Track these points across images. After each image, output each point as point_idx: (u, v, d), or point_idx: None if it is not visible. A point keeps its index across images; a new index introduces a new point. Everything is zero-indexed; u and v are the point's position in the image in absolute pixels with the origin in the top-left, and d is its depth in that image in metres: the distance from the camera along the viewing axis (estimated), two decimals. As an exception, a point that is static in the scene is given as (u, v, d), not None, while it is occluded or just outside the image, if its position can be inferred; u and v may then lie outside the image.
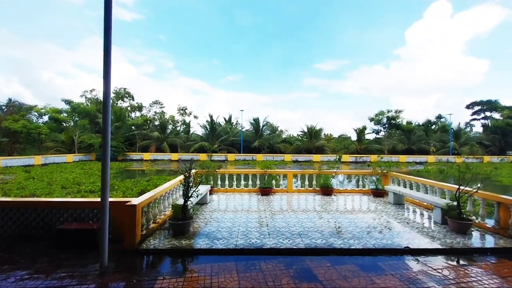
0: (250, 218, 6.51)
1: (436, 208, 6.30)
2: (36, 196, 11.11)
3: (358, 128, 46.28)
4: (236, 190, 10.05)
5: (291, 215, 6.79)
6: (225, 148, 41.48)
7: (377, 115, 45.63)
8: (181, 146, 41.37)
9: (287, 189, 10.14)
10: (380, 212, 7.21)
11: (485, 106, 59.54)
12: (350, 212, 7.26)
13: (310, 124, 44.42)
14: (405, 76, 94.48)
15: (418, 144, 45.10)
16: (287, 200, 8.78)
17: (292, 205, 8.07)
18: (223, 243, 4.76)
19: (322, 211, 7.25)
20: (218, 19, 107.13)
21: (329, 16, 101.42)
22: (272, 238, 5.04)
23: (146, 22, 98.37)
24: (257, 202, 8.40)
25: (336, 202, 8.48)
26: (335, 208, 7.66)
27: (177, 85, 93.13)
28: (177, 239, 4.97)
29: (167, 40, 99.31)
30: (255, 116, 44.28)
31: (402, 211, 7.40)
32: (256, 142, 40.05)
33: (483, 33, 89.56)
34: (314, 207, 7.73)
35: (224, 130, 43.09)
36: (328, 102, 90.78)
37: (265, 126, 44.57)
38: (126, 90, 50.57)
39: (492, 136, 47.33)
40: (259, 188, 9.62)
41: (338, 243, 4.81)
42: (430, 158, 40.16)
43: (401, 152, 43.39)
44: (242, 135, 41.59)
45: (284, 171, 10.44)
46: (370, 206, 8.02)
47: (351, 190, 10.21)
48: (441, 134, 47.14)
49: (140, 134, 39.60)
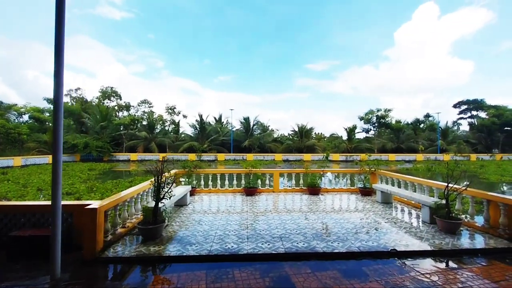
0: (230, 220, 6.11)
1: (424, 207, 6.04)
2: (6, 199, 10.41)
3: (348, 127, 46.47)
4: (220, 191, 9.62)
5: (275, 217, 6.42)
6: (215, 148, 40.90)
7: (367, 114, 45.88)
8: (170, 146, 40.57)
9: (273, 189, 9.78)
10: (367, 212, 6.92)
11: (472, 105, 60.70)
12: (337, 212, 6.95)
13: (301, 123, 44.34)
14: (394, 76, 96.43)
15: (407, 142, 45.58)
16: (272, 200, 8.42)
17: (276, 205, 7.71)
18: (196, 249, 4.35)
19: (308, 212, 6.91)
20: (209, 18, 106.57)
21: (319, 16, 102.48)
22: (251, 242, 4.66)
23: (135, 21, 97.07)
24: (240, 202, 8.01)
25: (323, 202, 8.17)
26: (321, 208, 7.34)
27: (168, 85, 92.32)
28: (146, 245, 4.53)
29: (157, 39, 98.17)
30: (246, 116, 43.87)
31: (390, 210, 7.13)
32: (246, 142, 39.59)
33: (468, 34, 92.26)
34: (300, 208, 7.39)
35: (214, 130, 42.48)
36: (319, 102, 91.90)
37: (256, 126, 44.18)
38: (113, 89, 49.40)
39: (478, 135, 48.26)
40: (244, 188, 9.23)
41: (321, 247, 4.47)
42: (419, 156, 40.59)
43: (391, 151, 43.75)
44: (233, 134, 41.09)
45: (270, 170, 10.08)
46: (357, 205, 7.73)
47: (339, 189, 9.93)
48: (429, 132, 47.79)
49: (127, 134, 38.60)
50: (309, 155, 38.90)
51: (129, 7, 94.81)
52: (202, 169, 9.87)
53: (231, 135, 39.83)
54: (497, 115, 46.02)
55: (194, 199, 8.41)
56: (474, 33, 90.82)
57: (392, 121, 45.86)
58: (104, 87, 47.60)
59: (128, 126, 38.80)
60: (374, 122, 45.70)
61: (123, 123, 38.04)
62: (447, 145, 44.53)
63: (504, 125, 46.10)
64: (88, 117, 38.19)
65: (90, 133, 37.49)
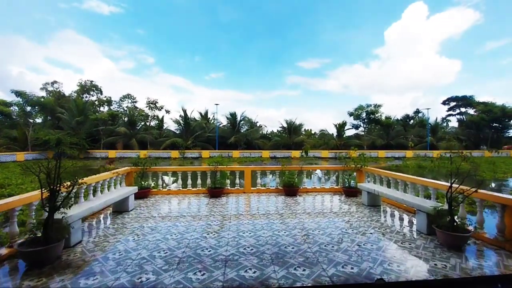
0: (172, 233, 4.68)
1: (420, 213, 4.75)
2: None
3: (338, 124, 45.48)
4: (181, 192, 8.17)
5: (232, 227, 5.03)
6: (201, 144, 39.21)
7: (357, 110, 44.88)
8: (152, 143, 38.63)
9: (244, 189, 8.39)
10: (350, 218, 5.60)
11: (461, 102, 60.70)
12: (313, 218, 5.61)
13: (290, 119, 43.06)
14: (384, 75, 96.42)
15: (397, 139, 44.93)
16: (239, 203, 7.04)
17: (241, 210, 6.32)
18: (91, 284, 2.91)
19: (277, 219, 5.54)
20: (200, 14, 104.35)
21: (310, 15, 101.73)
22: (179, 271, 3.25)
23: (125, 16, 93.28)
24: (198, 207, 6.60)
25: (298, 205, 6.83)
26: (295, 214, 5.98)
27: (159, 82, 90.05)
28: (26, 276, 3.07)
29: (146, 36, 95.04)
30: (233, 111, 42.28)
31: (378, 215, 5.84)
32: (232, 138, 38.02)
33: (456, 34, 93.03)
34: (269, 213, 6.02)
35: (199, 126, 40.72)
36: (311, 100, 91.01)
37: (243, 122, 42.61)
38: (93, 83, 46.93)
39: (468, 131, 48.09)
40: (208, 188, 7.80)
41: (278, 277, 3.10)
42: (408, 153, 39.95)
43: (380, 147, 43.01)
44: (218, 130, 39.46)
45: (240, 167, 8.68)
46: (339, 209, 6.42)
47: (321, 189, 8.61)
48: (418, 129, 47.29)
49: (105, 130, 36.42)
50: (298, 152, 37.66)
51: (119, 1, 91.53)
52: (157, 167, 8.38)
53: (216, 131, 38.16)
54: (486, 111, 45.83)
55: (144, 203, 6.94)
56: (461, 33, 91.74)
57: (382, 117, 45.07)
58: (82, 80, 45.13)
59: (106, 122, 36.60)
60: (363, 118, 44.78)
61: (100, 118, 35.81)
62: (437, 142, 44.10)
63: (492, 121, 45.98)
64: (63, 112, 35.83)
65: (66, 129, 35.23)
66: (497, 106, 46.25)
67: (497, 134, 48.30)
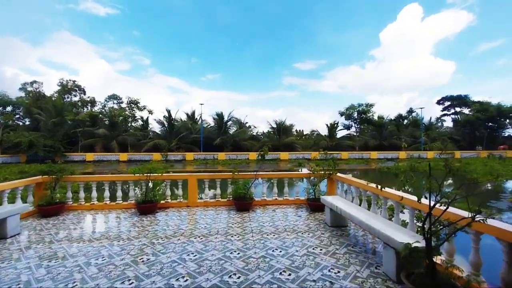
0: (61, 265, 3.10)
1: (388, 249, 3.24)
2: None
3: (330, 124, 44.07)
4: (107, 206, 6.60)
5: (158, 252, 3.46)
6: (186, 146, 37.52)
7: (348, 109, 43.40)
8: (134, 145, 36.78)
9: (187, 202, 6.83)
10: (302, 249, 4.06)
11: (456, 101, 59.72)
12: (258, 249, 4.05)
13: (279, 119, 41.54)
14: (380, 76, 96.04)
15: (390, 139, 43.59)
16: (177, 220, 5.56)
17: (170, 234, 4.74)
18: None
19: (205, 251, 3.98)
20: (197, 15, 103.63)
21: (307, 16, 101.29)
22: None
23: (121, 18, 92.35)
24: (118, 227, 5.14)
25: (246, 224, 5.30)
26: (236, 237, 4.45)
27: (155, 83, 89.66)
28: None
29: (143, 37, 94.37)
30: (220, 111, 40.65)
31: (337, 243, 4.30)
32: (218, 140, 36.31)
33: (450, 35, 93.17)
34: (203, 237, 4.49)
35: (185, 127, 39.00)
36: (307, 101, 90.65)
37: (231, 122, 41.02)
38: (76, 83, 45.10)
39: (462, 131, 46.97)
40: (135, 203, 6.22)
41: None
42: (402, 154, 38.62)
43: (373, 148, 41.65)
44: (203, 131, 37.78)
45: (183, 175, 7.11)
46: (294, 231, 4.86)
47: (283, 201, 7.08)
48: (412, 129, 46.02)
49: (83, 131, 34.54)
50: (287, 154, 36.21)
51: (115, 3, 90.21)
52: (77, 176, 6.80)
53: (201, 132, 36.44)
54: (481, 110, 44.73)
55: (49, 223, 5.36)
56: (455, 34, 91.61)
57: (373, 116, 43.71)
58: (64, 80, 43.22)
59: (84, 123, 34.69)
60: (355, 117, 43.31)
61: (78, 119, 33.88)
62: (431, 142, 42.83)
63: (488, 120, 44.91)
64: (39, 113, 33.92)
65: (42, 130, 33.39)
66: (492, 105, 45.22)
67: (492, 133, 47.26)
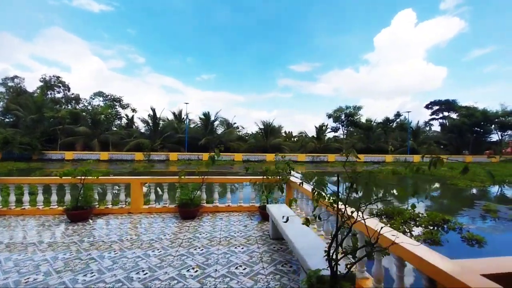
0: None
1: (303, 274, 2.73)
2: None
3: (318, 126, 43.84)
4: (39, 212, 5.96)
5: (74, 267, 2.90)
6: (171, 146, 36.72)
7: (336, 112, 43.17)
8: (116, 144, 35.71)
9: (129, 209, 6.24)
10: (222, 269, 3.52)
11: (444, 106, 60.27)
12: (179, 262, 3.51)
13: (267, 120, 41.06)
14: (373, 79, 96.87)
15: (377, 143, 43.54)
16: (102, 231, 4.95)
17: (86, 246, 4.16)
18: None
19: (109, 267, 3.43)
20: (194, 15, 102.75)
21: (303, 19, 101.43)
22: None
23: (115, 15, 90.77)
24: (42, 234, 4.47)
25: (180, 234, 4.75)
26: (157, 251, 3.90)
27: (149, 82, 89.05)
28: None
29: (137, 35, 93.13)
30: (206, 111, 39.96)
31: (269, 262, 3.78)
32: (203, 140, 35.59)
33: (442, 42, 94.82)
34: (119, 250, 3.96)
35: (170, 126, 38.17)
36: (302, 102, 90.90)
37: (217, 122, 40.34)
38: (59, 79, 43.83)
39: (449, 135, 47.27)
40: (64, 209, 5.60)
41: None
42: (388, 158, 38.58)
43: (360, 151, 41.48)
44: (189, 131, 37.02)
45: (124, 179, 6.53)
46: (228, 245, 4.32)
47: (235, 208, 6.55)
48: (399, 132, 46.11)
49: (63, 129, 33.39)
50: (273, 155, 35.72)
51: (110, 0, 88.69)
52: (5, 178, 6.14)
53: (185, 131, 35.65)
54: (468, 115, 45.08)
55: None
56: (447, 41, 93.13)
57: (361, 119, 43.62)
58: (46, 75, 41.91)
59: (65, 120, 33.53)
60: (343, 120, 43.08)
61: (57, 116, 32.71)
62: (418, 146, 42.95)
63: (474, 125, 45.28)
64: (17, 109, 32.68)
65: (21, 127, 32.22)
66: (478, 110, 45.62)
67: (478, 138, 47.68)
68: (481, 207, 10.00)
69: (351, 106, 42.92)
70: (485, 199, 11.82)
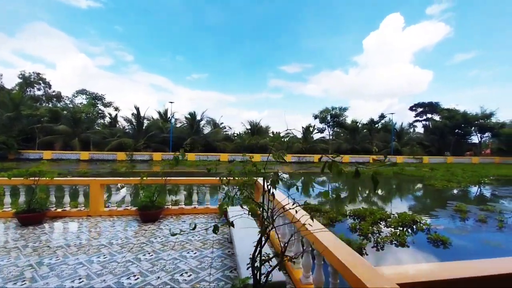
0: None
1: (238, 282, 2.58)
2: None
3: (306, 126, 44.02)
4: (-15, 215, 5.61)
5: None
6: (155, 146, 36.08)
7: (322, 113, 43.46)
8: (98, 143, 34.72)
9: (88, 211, 5.97)
10: (165, 276, 3.35)
11: (427, 108, 61.80)
12: (121, 269, 3.29)
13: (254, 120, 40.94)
14: (362, 81, 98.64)
15: (362, 143, 44.12)
16: (56, 236, 4.72)
17: (34, 255, 3.89)
18: None
19: (46, 272, 3.19)
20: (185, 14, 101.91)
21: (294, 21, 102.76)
22: None
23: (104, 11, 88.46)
24: None
25: (134, 239, 4.54)
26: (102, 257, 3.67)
27: (137, 80, 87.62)
28: None
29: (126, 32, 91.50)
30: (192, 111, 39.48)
31: (219, 267, 3.63)
32: (188, 140, 35.12)
33: (429, 46, 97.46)
34: (63, 255, 3.72)
35: (155, 125, 37.49)
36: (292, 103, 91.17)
37: (203, 122, 39.89)
38: (40, 76, 42.36)
39: (432, 137, 48.40)
40: (14, 213, 5.28)
41: None
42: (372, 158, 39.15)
43: (346, 152, 41.94)
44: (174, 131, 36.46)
45: (83, 180, 6.26)
46: (181, 250, 4.16)
47: (201, 210, 6.39)
48: (384, 134, 46.87)
49: (41, 127, 32.24)
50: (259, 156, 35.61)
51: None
52: None
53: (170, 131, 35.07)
54: (449, 117, 46.30)
55: None
56: (433, 45, 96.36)
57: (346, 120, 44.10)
58: (25, 72, 40.42)
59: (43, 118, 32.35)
60: (329, 121, 43.40)
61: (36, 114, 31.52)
62: (402, 147, 43.77)
63: (455, 127, 46.53)
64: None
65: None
66: (459, 112, 46.92)
67: (459, 140, 49.05)
68: (452, 207, 10.16)
69: (337, 107, 43.34)
70: (459, 200, 12.02)
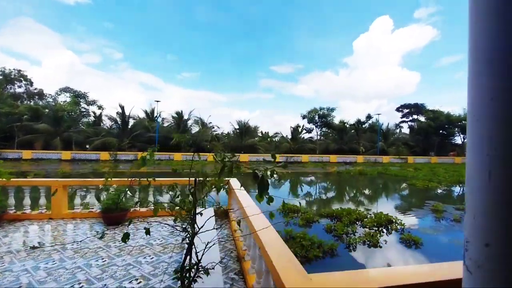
0: None
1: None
2: None
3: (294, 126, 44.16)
4: None
5: None
6: (141, 145, 35.37)
7: (310, 113, 43.70)
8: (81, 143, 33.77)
9: (50, 214, 5.69)
10: (113, 283, 3.17)
11: (413, 109, 63.07)
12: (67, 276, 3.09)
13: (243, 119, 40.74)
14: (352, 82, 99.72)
15: (350, 144, 44.62)
16: (9, 240, 4.44)
17: None
18: None
19: None
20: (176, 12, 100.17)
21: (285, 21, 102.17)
22: None
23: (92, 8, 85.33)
24: None
25: (97, 243, 4.31)
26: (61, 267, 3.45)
27: (126, 78, 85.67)
28: None
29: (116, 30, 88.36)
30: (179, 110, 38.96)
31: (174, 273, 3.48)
32: (174, 139, 34.65)
33: (417, 49, 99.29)
34: (24, 265, 3.45)
35: (140, 124, 36.79)
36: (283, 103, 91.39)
37: (191, 121, 39.44)
38: (21, 73, 40.93)
39: (417, 137, 49.40)
40: (-35, 215, 4.98)
41: None
42: (359, 158, 39.60)
43: (333, 152, 42.32)
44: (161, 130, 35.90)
45: (44, 181, 5.98)
46: (137, 255, 3.99)
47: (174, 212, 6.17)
48: (371, 134, 47.54)
49: (20, 126, 31.13)
50: (247, 156, 35.52)
51: None
52: None
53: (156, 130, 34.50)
54: (433, 118, 47.35)
55: None
56: (421, 48, 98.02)
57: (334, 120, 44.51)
58: (5, 68, 38.95)
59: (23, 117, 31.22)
60: (317, 121, 43.68)
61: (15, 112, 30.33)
62: (388, 147, 44.49)
63: (439, 128, 47.62)
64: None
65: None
66: (443, 114, 48.05)
67: (443, 140, 50.23)
68: (430, 207, 10.28)
69: (324, 107, 43.67)
70: (438, 199, 12.19)
